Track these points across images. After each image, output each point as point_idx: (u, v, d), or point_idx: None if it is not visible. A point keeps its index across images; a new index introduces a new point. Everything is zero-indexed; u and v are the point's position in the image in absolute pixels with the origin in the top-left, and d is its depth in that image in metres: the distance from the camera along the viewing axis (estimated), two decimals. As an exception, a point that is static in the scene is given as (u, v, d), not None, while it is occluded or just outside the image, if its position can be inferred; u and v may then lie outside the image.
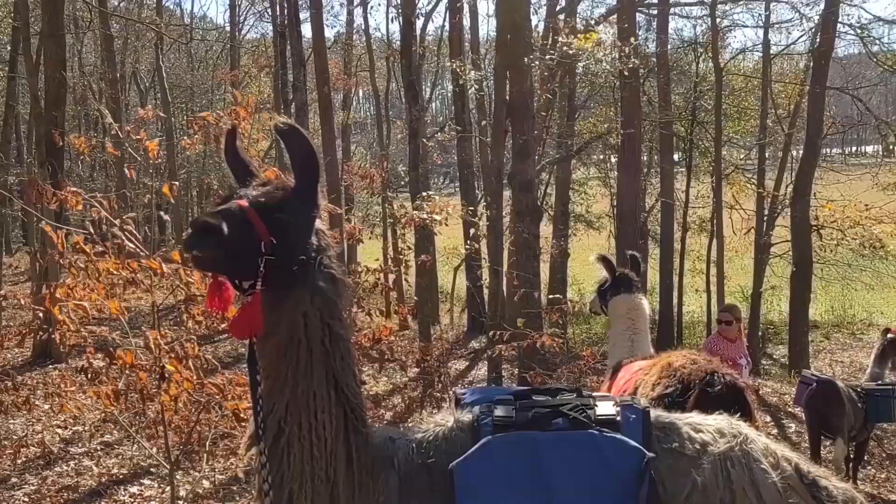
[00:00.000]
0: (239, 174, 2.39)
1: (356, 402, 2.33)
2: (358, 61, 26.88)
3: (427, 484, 2.29)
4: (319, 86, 13.60)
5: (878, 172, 20.36)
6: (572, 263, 22.93)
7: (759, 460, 2.22)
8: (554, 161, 18.46)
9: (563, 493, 2.22)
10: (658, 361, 4.17)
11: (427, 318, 13.11)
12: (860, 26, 19.18)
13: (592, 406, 2.38)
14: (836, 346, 20.16)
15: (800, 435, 10.75)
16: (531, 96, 12.53)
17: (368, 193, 21.05)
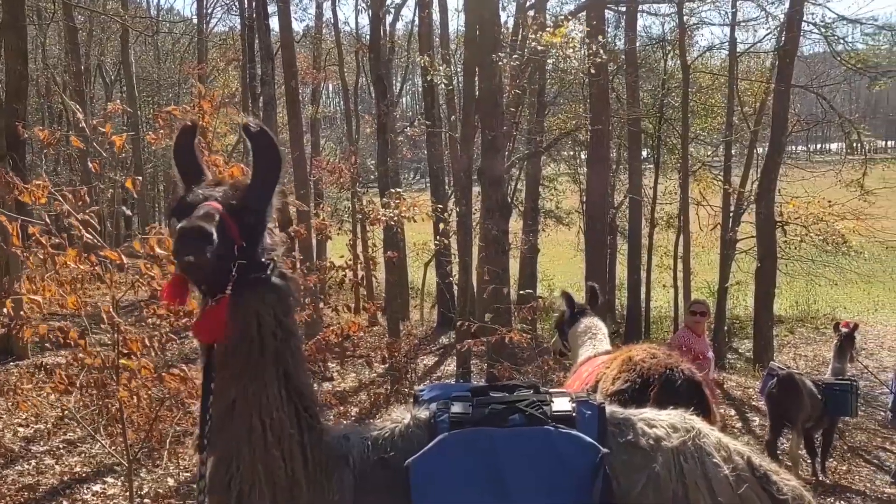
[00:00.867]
0: (187, 172, 2.34)
1: (309, 400, 2.32)
2: (327, 55, 26.73)
3: (383, 481, 2.29)
4: (287, 80, 13.48)
5: (841, 170, 20.67)
6: (542, 259, 23.05)
7: (712, 454, 2.24)
8: (523, 157, 18.51)
9: (518, 488, 2.23)
10: (619, 355, 4.21)
11: (396, 313, 13.07)
12: (824, 25, 19.46)
13: (549, 402, 2.38)
14: (800, 341, 20.49)
15: (763, 428, 10.90)
16: (500, 92, 12.55)
17: (337, 188, 20.94)
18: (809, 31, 19.59)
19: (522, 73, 14.81)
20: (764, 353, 16.07)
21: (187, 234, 2.05)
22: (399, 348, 8.38)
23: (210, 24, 30.55)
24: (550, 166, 26.06)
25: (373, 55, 13.98)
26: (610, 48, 19.02)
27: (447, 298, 16.95)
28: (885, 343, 19.92)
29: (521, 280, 20.26)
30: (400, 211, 8.64)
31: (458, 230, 12.37)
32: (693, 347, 7.52)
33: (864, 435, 11.87)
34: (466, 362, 11.73)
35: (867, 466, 10.16)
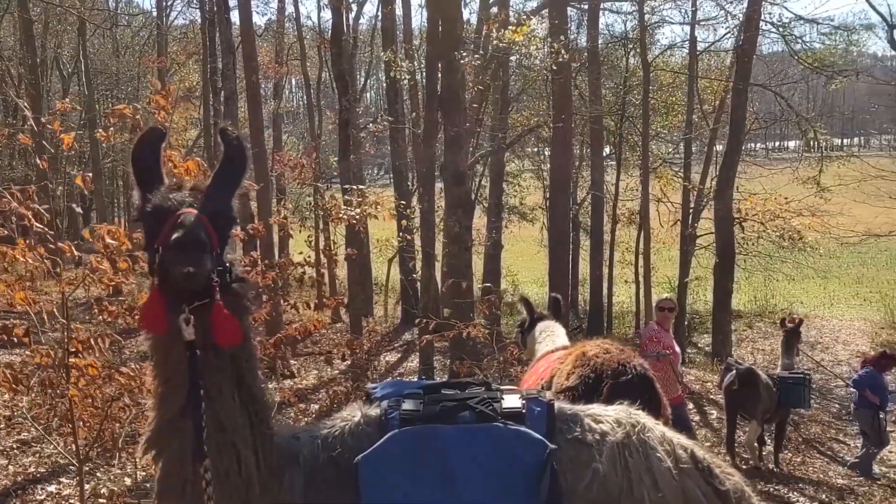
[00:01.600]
0: (145, 175, 2.27)
1: (261, 403, 2.30)
2: (289, 50, 26.51)
3: (333, 479, 2.29)
4: (247, 74, 13.33)
5: (798, 167, 21.08)
6: (506, 255, 23.14)
7: (656, 448, 2.28)
8: (486, 153, 18.56)
9: (467, 485, 2.24)
10: (573, 351, 4.26)
11: (358, 310, 13.02)
12: (782, 25, 19.79)
13: (499, 399, 2.41)
14: (758, 335, 20.86)
15: (720, 421, 11.11)
16: (463, 89, 12.56)
17: (299, 184, 20.79)
18: (768, 30, 19.93)
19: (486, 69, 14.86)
20: (722, 347, 16.34)
21: (186, 244, 2.02)
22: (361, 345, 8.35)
23: (170, 18, 30.11)
24: (514, 162, 26.17)
25: (335, 50, 13.90)
26: (572, 46, 19.15)
27: (410, 295, 16.95)
28: (839, 337, 20.38)
29: (484, 276, 20.31)
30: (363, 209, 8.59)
31: (421, 226, 12.36)
32: (663, 341, 7.66)
33: (818, 427, 12.13)
34: (429, 359, 11.75)
35: (821, 458, 10.39)
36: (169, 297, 2.12)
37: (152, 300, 2.14)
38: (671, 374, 7.64)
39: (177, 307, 2.11)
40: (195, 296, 2.11)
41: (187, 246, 2.01)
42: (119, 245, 3.61)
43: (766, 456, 9.68)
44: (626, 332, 21.37)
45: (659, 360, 7.46)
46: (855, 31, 22.01)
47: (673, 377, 7.66)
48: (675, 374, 7.70)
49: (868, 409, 9.32)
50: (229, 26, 15.38)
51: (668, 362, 7.59)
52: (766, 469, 9.32)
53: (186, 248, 2.01)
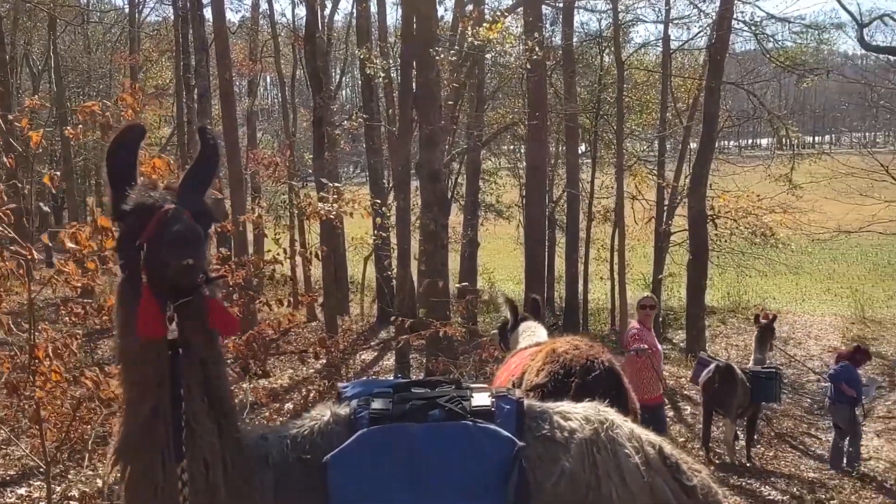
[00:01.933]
0: (120, 173, 2.22)
1: (228, 406, 2.28)
2: (263, 47, 26.33)
3: (303, 479, 2.27)
4: (220, 71, 13.22)
5: (770, 164, 21.31)
6: (482, 252, 23.18)
7: (624, 444, 2.29)
8: (462, 151, 18.57)
9: (436, 482, 2.24)
10: (543, 347, 4.28)
11: (333, 309, 12.97)
12: (754, 23, 20.01)
13: (469, 397, 2.41)
14: (731, 331, 21.05)
15: (695, 416, 11.21)
16: (438, 86, 12.56)
17: (273, 181, 20.68)
18: (740, 28, 20.12)
19: (461, 67, 14.86)
20: (696, 343, 16.48)
21: (186, 237, 2.00)
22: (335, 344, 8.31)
23: (142, 14, 29.79)
24: (491, 160, 26.21)
25: (308, 48, 13.82)
26: (547, 44, 19.20)
27: (386, 293, 16.92)
28: (811, 332, 20.62)
29: (461, 274, 20.34)
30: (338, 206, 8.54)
31: (397, 225, 12.34)
32: (646, 339, 7.71)
33: (790, 422, 12.29)
34: (405, 357, 11.74)
35: (793, 452, 10.53)
36: (157, 295, 2.08)
37: (146, 303, 2.09)
38: (653, 373, 7.69)
39: (162, 306, 2.08)
40: (180, 293, 2.08)
41: (187, 238, 2.00)
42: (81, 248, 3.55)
43: (738, 451, 9.80)
44: (602, 329, 21.50)
45: (639, 357, 7.50)
46: (826, 30, 22.33)
47: (654, 375, 7.70)
48: (657, 373, 7.75)
49: (844, 403, 9.42)
50: (202, 23, 15.23)
51: (650, 361, 7.62)
52: (740, 464, 9.43)
53: (187, 241, 2.00)
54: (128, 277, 2.17)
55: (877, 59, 25.25)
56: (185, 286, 2.08)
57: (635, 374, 7.76)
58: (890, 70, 22.25)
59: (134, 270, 2.12)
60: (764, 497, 7.86)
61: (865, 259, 32.43)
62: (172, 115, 24.22)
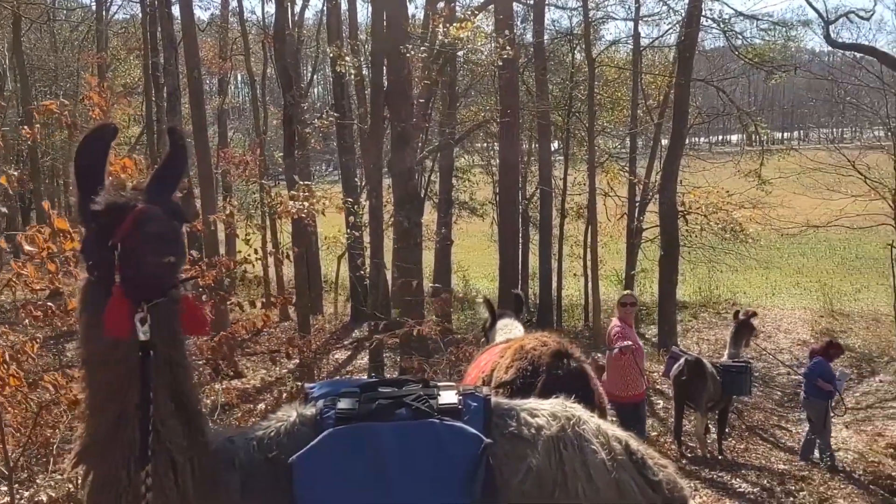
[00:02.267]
0: (89, 173, 2.17)
1: (195, 409, 2.25)
2: (233, 44, 26.10)
3: (270, 480, 2.26)
4: (189, 69, 13.08)
5: (740, 160, 21.54)
6: (457, 250, 23.18)
7: (590, 441, 2.30)
8: (435, 149, 18.54)
9: (402, 481, 2.24)
10: (512, 344, 4.29)
11: (306, 308, 12.90)
12: (722, 21, 20.20)
13: (436, 396, 2.41)
14: (702, 325, 21.26)
15: (667, 411, 11.30)
16: (409, 84, 12.53)
17: (244, 181, 20.52)
18: (709, 26, 20.31)
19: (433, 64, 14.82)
20: (668, 337, 16.63)
21: (164, 235, 2.00)
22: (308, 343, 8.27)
23: (110, 12, 29.37)
24: (464, 158, 26.21)
25: (277, 45, 13.73)
26: (519, 41, 19.23)
27: (360, 292, 16.86)
28: (781, 325, 20.90)
29: (435, 271, 20.34)
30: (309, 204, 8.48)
31: (370, 223, 12.31)
32: (628, 337, 7.76)
33: (761, 414, 12.45)
34: (379, 356, 11.70)
35: (764, 444, 10.66)
36: (130, 296, 2.05)
37: (116, 302, 2.05)
38: (636, 369, 7.73)
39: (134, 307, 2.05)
40: (153, 293, 2.06)
41: (168, 236, 2.00)
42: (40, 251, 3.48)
43: (710, 444, 9.89)
44: (576, 325, 21.60)
45: (623, 354, 7.55)
46: (793, 27, 22.61)
47: (637, 372, 7.74)
48: (640, 370, 7.79)
49: (819, 398, 9.51)
50: (171, 21, 15.07)
51: (633, 358, 7.67)
52: (712, 457, 9.53)
53: (167, 238, 2.00)
54: (97, 279, 2.13)
55: (843, 56, 25.62)
56: (166, 284, 2.07)
57: (620, 371, 7.82)
58: (856, 66, 22.58)
59: (105, 271, 2.08)
60: (735, 489, 7.95)
61: (833, 253, 32.93)
62: (142, 115, 23.92)
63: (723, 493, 7.74)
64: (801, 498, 7.67)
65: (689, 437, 9.95)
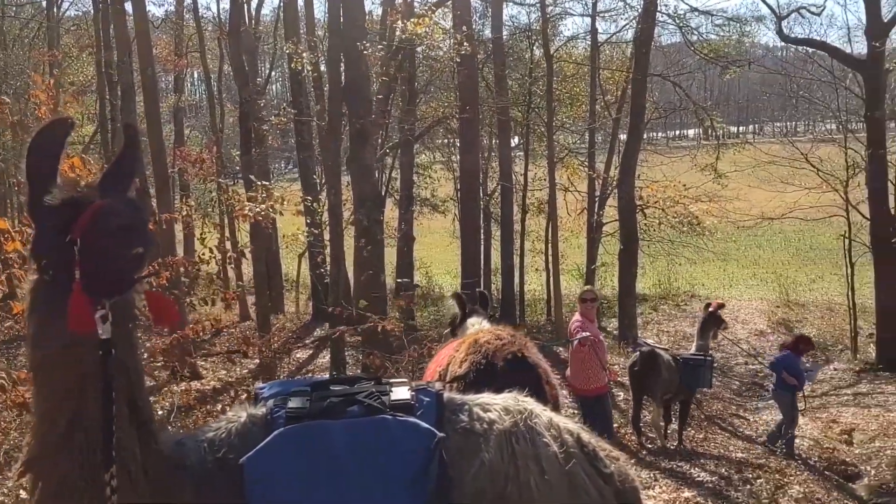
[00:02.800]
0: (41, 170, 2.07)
1: (147, 413, 2.21)
2: (189, 41, 25.72)
3: (222, 482, 2.24)
4: (143, 67, 12.86)
5: (696, 155, 21.86)
6: (419, 247, 23.15)
7: (542, 434, 2.31)
8: (395, 146, 18.50)
9: (355, 478, 2.23)
10: (467, 338, 4.31)
11: (265, 307, 12.78)
12: (678, 16, 20.48)
13: (388, 392, 2.41)
14: (662, 317, 21.54)
15: (628, 403, 11.42)
16: (367, 80, 12.48)
17: (201, 179, 20.25)
18: (665, 21, 20.59)
19: (392, 60, 14.77)
20: (628, 330, 16.83)
21: (131, 225, 1.96)
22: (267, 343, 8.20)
23: (61, 9, 28.73)
24: (425, 154, 26.20)
25: (232, 41, 13.56)
26: (477, 37, 19.26)
27: (321, 291, 16.76)
28: (739, 316, 21.25)
29: (398, 268, 20.30)
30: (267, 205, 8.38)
31: (329, 221, 12.22)
32: (589, 330, 7.83)
33: (719, 404, 12.65)
34: (341, 354, 11.63)
35: (722, 433, 10.83)
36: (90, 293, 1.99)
37: (78, 298, 1.99)
38: (596, 362, 7.81)
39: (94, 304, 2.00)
40: (114, 290, 2.03)
41: (135, 226, 1.97)
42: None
43: (670, 434, 10.03)
44: (539, 320, 21.73)
45: (582, 345, 7.61)
46: (747, 23, 22.95)
47: (598, 365, 7.82)
48: (601, 363, 7.87)
49: (786, 390, 9.68)
50: (124, 17, 14.77)
51: (593, 351, 7.74)
52: (672, 447, 9.65)
53: (134, 229, 1.97)
54: (52, 278, 2.05)
55: (796, 51, 26.15)
56: (128, 280, 2.04)
57: (581, 364, 7.90)
58: (808, 61, 23.04)
59: (61, 269, 2.01)
60: (693, 479, 8.06)
61: (789, 245, 33.60)
62: (95, 113, 23.46)
63: (681, 482, 7.85)
64: (758, 485, 7.80)
65: (649, 428, 10.07)
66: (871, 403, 12.84)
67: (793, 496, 7.61)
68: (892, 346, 15.32)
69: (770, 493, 7.53)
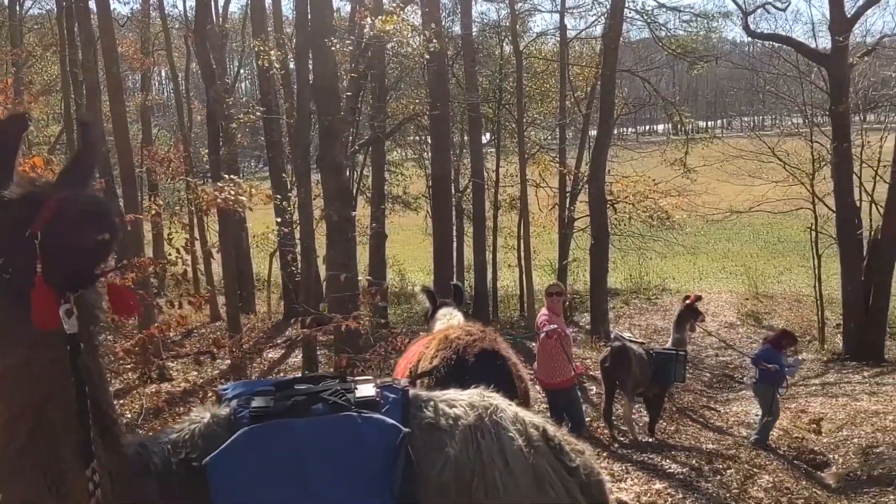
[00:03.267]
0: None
1: (111, 417, 2.17)
2: (156, 39, 25.41)
3: (187, 483, 2.22)
4: (108, 65, 12.67)
5: (665, 150, 22.07)
6: (391, 244, 23.10)
7: (508, 428, 2.31)
8: (365, 143, 18.40)
9: (320, 475, 2.22)
10: (437, 334, 4.32)
11: (235, 307, 12.67)
12: (646, 12, 20.66)
13: (353, 390, 2.40)
14: (634, 311, 21.72)
15: (601, 396, 11.48)
16: (335, 77, 12.40)
17: (168, 178, 20.04)
18: (633, 17, 20.73)
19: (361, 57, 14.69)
20: (600, 324, 16.94)
21: (95, 210, 1.92)
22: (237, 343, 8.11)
23: (24, 7, 28.22)
24: (396, 151, 26.16)
25: (199, 39, 13.42)
26: (447, 34, 19.23)
27: (292, 290, 16.65)
28: (709, 309, 21.41)
29: (370, 266, 20.21)
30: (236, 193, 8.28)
31: (300, 219, 12.13)
32: (555, 324, 7.85)
33: (690, 396, 12.77)
34: (312, 353, 11.57)
35: (693, 425, 10.94)
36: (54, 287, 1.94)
37: (41, 292, 1.93)
38: (563, 356, 7.85)
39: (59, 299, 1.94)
40: (78, 284, 1.98)
41: (99, 211, 1.92)
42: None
43: (641, 427, 10.10)
44: (512, 316, 21.81)
45: (550, 337, 7.65)
46: (714, 19, 23.23)
47: (564, 358, 7.86)
48: (568, 356, 7.90)
49: (767, 384, 9.63)
50: (89, 15, 14.53)
51: (560, 344, 7.77)
52: (644, 440, 9.72)
53: (99, 214, 1.92)
54: (11, 276, 1.97)
55: (762, 46, 26.41)
56: (92, 272, 2.01)
57: (548, 358, 7.96)
58: (774, 56, 23.31)
59: (19, 266, 1.94)
60: (664, 470, 8.12)
61: (757, 238, 34.04)
62: (61, 113, 23.09)
63: (653, 474, 7.91)
64: (728, 476, 7.88)
65: (621, 421, 10.13)
66: (839, 393, 13.04)
67: (762, 486, 7.70)
68: (858, 336, 15.58)
69: (740, 484, 7.62)
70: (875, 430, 10.69)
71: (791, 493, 7.63)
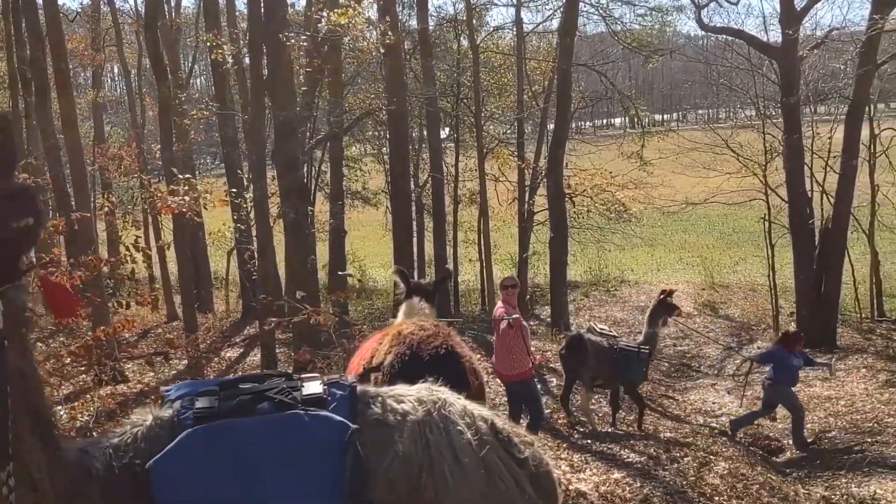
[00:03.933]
0: None
1: (49, 421, 2.12)
2: (106, 35, 24.88)
3: (130, 487, 2.19)
4: (55, 62, 12.37)
5: (622, 143, 22.28)
6: (351, 240, 22.99)
7: (456, 422, 2.31)
8: (322, 138, 18.26)
9: (268, 475, 2.20)
10: (390, 330, 4.30)
11: (191, 307, 12.49)
12: (601, 6, 20.79)
13: (299, 387, 2.38)
14: (594, 303, 21.91)
15: (561, 388, 11.56)
16: (290, 72, 12.27)
17: (121, 176, 19.66)
18: (588, 11, 20.84)
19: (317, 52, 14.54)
20: (560, 317, 17.06)
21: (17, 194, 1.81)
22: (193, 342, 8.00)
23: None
24: (355, 147, 26.00)
25: (149, 34, 13.18)
26: (404, 28, 19.14)
27: (250, 288, 16.46)
28: (667, 300, 21.75)
29: (330, 262, 20.06)
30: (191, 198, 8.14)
31: (256, 216, 11.99)
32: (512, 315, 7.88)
33: (649, 386, 12.90)
34: (272, 352, 11.46)
35: (652, 414, 11.06)
36: None
37: None
38: (522, 346, 7.88)
39: None
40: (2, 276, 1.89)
41: (20, 195, 1.83)
42: None
43: (602, 417, 10.19)
44: (473, 310, 21.85)
45: (511, 327, 7.68)
46: (668, 13, 23.48)
47: (523, 349, 7.89)
48: (526, 347, 7.94)
49: (784, 384, 9.59)
50: (36, 11, 14.15)
51: (520, 336, 7.81)
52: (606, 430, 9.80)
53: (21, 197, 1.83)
54: None
55: (716, 40, 26.79)
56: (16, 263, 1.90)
57: (506, 350, 7.99)
58: (727, 49, 23.65)
59: None
60: (623, 460, 8.20)
61: (713, 229, 34.56)
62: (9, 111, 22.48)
63: (611, 464, 7.98)
64: (685, 463, 7.99)
65: (576, 409, 10.21)
66: (793, 379, 13.29)
67: (718, 472, 7.82)
68: (811, 324, 15.90)
69: (696, 471, 7.73)
70: (828, 414, 10.95)
71: (746, 479, 7.77)
